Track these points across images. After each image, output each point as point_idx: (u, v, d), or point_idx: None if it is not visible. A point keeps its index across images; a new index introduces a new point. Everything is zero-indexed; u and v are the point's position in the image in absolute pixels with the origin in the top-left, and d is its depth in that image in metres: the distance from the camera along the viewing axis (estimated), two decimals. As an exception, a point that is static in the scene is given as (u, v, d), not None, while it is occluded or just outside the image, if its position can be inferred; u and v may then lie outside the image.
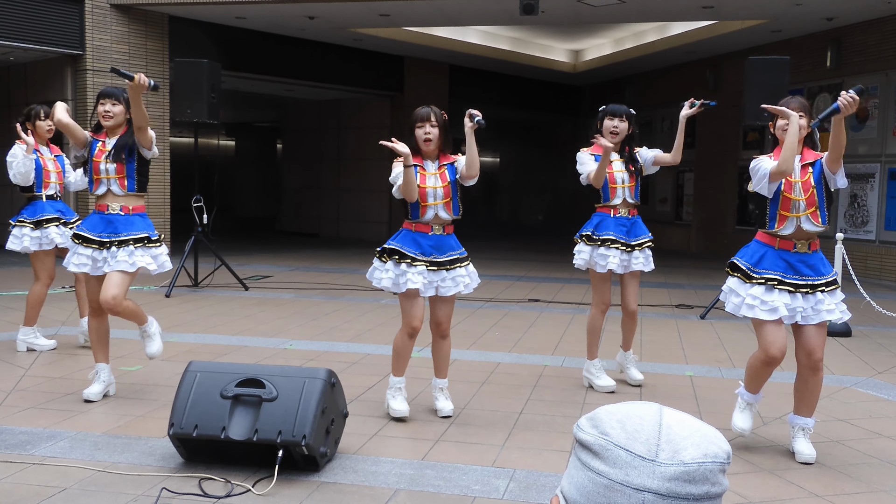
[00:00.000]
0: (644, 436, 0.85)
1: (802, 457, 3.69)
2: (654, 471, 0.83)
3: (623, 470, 0.84)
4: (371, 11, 11.07)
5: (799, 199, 3.65)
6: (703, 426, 0.89)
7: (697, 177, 14.86)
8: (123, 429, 3.96)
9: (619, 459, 0.85)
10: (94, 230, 4.44)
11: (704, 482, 0.84)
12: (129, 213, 4.48)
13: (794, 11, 10.50)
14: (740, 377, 5.34)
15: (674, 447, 0.84)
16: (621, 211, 4.85)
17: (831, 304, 3.68)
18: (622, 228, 4.82)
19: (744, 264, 3.76)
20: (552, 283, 10.03)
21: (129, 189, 4.48)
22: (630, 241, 4.82)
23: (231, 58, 11.96)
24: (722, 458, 0.86)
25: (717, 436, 0.88)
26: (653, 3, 10.29)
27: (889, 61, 10.66)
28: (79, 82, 11.26)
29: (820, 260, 3.71)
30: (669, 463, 0.83)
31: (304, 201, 18.13)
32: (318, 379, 3.46)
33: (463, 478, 3.40)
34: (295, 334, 6.47)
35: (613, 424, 0.87)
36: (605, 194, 4.85)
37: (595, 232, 4.84)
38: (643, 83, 16.52)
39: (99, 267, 4.42)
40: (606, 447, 0.86)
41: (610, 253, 4.75)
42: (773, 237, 3.72)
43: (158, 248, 4.54)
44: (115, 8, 11.24)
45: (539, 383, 5.08)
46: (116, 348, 5.79)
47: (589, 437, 0.88)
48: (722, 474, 0.86)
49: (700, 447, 0.85)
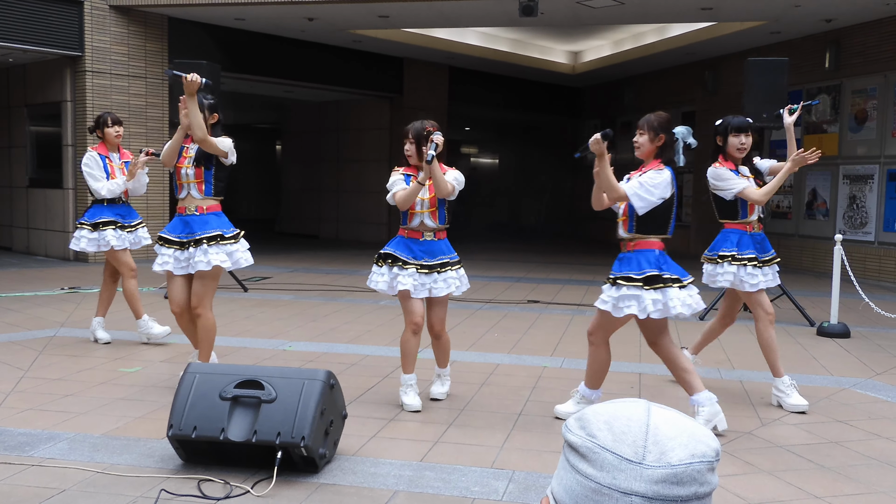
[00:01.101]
0: (631, 437, 0.85)
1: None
2: (642, 473, 0.83)
3: (610, 473, 0.84)
4: (370, 13, 11.07)
5: None
6: (691, 425, 0.88)
7: (696, 178, 14.86)
8: (122, 430, 3.96)
9: (607, 462, 0.84)
10: (173, 232, 4.73)
11: (692, 483, 0.83)
12: (204, 212, 4.72)
13: (793, 13, 10.51)
14: (741, 378, 5.35)
15: (661, 448, 0.84)
16: (754, 227, 4.78)
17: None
18: (757, 246, 4.72)
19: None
20: (551, 285, 10.03)
21: (206, 193, 4.73)
22: (761, 258, 4.71)
23: (231, 59, 11.97)
24: (710, 457, 0.85)
25: (706, 434, 0.87)
26: (652, 4, 10.30)
27: (888, 63, 10.67)
28: (78, 84, 11.26)
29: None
30: (657, 465, 0.83)
31: (304, 203, 18.13)
32: (317, 380, 3.46)
33: (462, 479, 3.40)
34: (294, 336, 6.47)
35: (600, 426, 0.86)
36: (744, 211, 4.73)
37: (739, 252, 4.66)
38: (642, 84, 16.53)
39: (182, 266, 4.67)
40: (593, 450, 0.85)
41: (757, 272, 4.61)
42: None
43: (234, 244, 4.74)
44: (115, 9, 11.25)
45: (538, 385, 5.08)
46: (115, 350, 5.79)
47: (576, 439, 0.87)
48: (711, 473, 0.85)
49: (687, 447, 0.84)
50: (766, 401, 4.79)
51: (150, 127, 11.74)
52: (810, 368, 5.66)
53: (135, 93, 11.56)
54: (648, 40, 14.16)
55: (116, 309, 7.45)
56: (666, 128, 4.11)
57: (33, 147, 12.57)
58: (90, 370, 5.17)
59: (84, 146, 11.07)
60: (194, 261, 4.61)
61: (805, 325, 7.38)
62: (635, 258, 4.00)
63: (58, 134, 11.64)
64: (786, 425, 4.32)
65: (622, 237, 4.11)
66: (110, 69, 11.28)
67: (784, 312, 7.86)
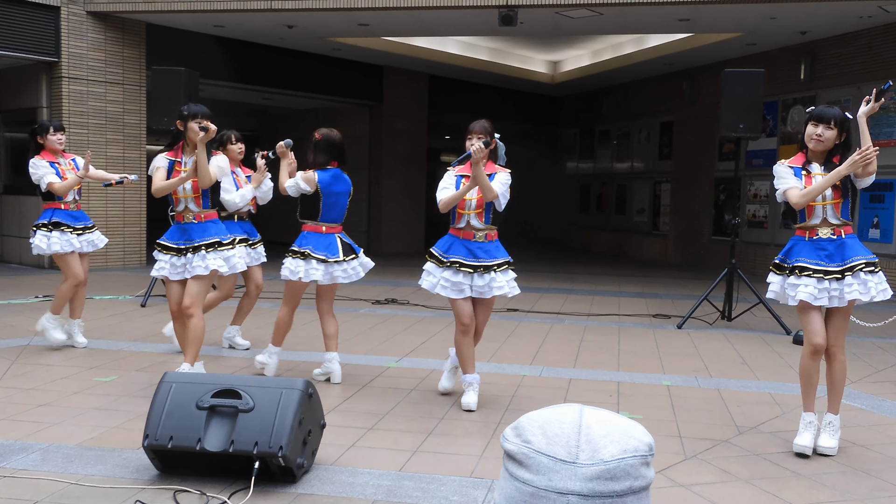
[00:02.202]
0: (564, 439, 0.86)
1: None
2: (576, 472, 0.84)
3: (546, 476, 0.85)
4: (350, 21, 11.08)
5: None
6: (623, 422, 0.89)
7: (674, 187, 14.99)
8: (97, 440, 3.91)
9: (542, 465, 0.85)
10: (171, 239, 4.89)
11: (626, 477, 0.84)
12: (202, 220, 4.89)
13: (769, 25, 10.65)
14: (718, 386, 5.38)
15: (593, 447, 0.85)
16: (821, 232, 4.02)
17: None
18: (821, 253, 3.99)
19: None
20: (530, 293, 10.04)
21: (203, 206, 4.90)
22: (829, 268, 3.94)
23: (209, 66, 11.92)
24: (643, 451, 0.86)
25: (638, 430, 0.89)
26: (630, 15, 10.39)
27: (861, 74, 10.84)
28: (54, 90, 11.15)
29: None
30: (590, 463, 0.84)
31: (284, 210, 18.04)
32: (295, 389, 3.43)
33: (441, 489, 3.39)
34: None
35: (535, 431, 0.87)
36: (802, 213, 4.06)
37: (787, 259, 4.12)
38: (621, 94, 16.66)
39: (178, 272, 4.84)
40: (529, 455, 0.86)
41: (801, 282, 3.97)
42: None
43: (230, 250, 4.92)
44: (92, 15, 11.16)
45: (517, 393, 5.08)
46: (90, 359, 5.73)
47: (513, 447, 0.88)
48: (645, 467, 0.86)
49: (619, 443, 0.85)
50: (743, 408, 4.82)
51: (128, 134, 11.65)
52: (787, 377, 5.71)
53: (112, 99, 11.47)
54: (627, 50, 14.28)
55: (94, 317, 7.37)
56: (492, 133, 4.59)
57: (8, 153, 12.41)
58: (64, 379, 5.11)
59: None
60: (192, 266, 4.78)
61: (781, 333, 7.45)
62: (496, 245, 4.66)
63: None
64: (762, 434, 4.35)
65: (478, 227, 4.60)
66: (87, 75, 11.19)
67: (761, 321, 7.94)
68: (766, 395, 5.17)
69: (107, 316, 7.54)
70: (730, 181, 13.09)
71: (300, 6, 10.23)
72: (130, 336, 6.60)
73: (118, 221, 11.54)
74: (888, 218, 10.43)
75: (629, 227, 16.60)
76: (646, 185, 15.96)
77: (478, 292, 4.59)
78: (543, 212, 19.97)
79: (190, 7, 10.52)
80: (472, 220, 4.59)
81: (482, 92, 17.16)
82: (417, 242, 16.05)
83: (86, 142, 11.18)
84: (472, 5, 9.88)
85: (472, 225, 4.59)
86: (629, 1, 9.50)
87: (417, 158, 16.12)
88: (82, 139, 11.14)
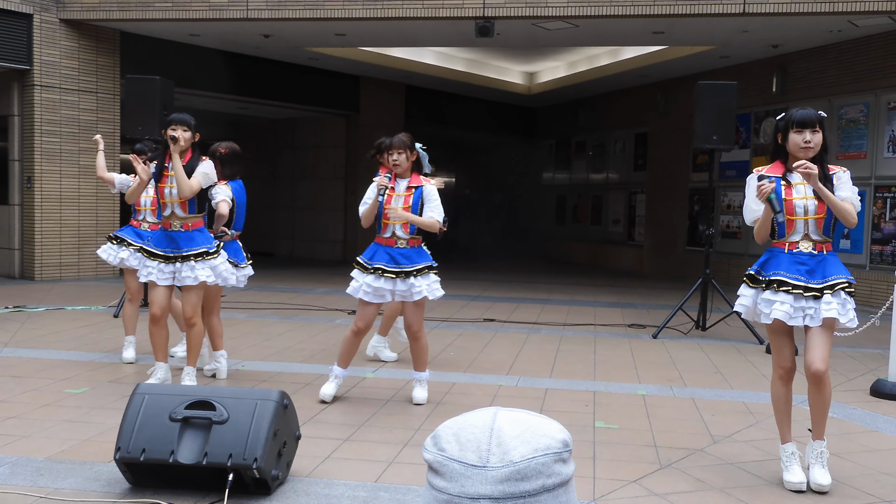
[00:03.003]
0: (475, 444, 0.86)
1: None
2: (486, 476, 0.84)
3: (458, 482, 0.85)
4: (327, 31, 11.07)
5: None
6: (536, 421, 0.89)
7: (649, 198, 15.11)
8: (67, 453, 3.85)
9: (455, 472, 0.85)
10: (159, 245, 4.97)
11: (538, 476, 0.84)
12: (189, 229, 4.96)
13: (741, 38, 10.79)
14: (692, 395, 5.42)
15: (503, 449, 0.85)
16: (802, 246, 3.70)
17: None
18: (801, 267, 3.68)
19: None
20: (507, 303, 10.07)
21: (189, 212, 4.95)
22: (809, 284, 3.64)
23: (185, 75, 11.83)
24: (556, 448, 0.86)
25: (551, 427, 0.89)
26: (605, 27, 10.49)
27: (831, 88, 11.02)
28: (25, 98, 11.02)
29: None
30: (500, 465, 0.84)
31: (259, 220, 17.94)
32: (270, 401, 3.41)
33: (417, 500, 3.37)
34: (247, 355, 6.38)
35: (449, 439, 0.88)
36: (781, 227, 3.74)
37: (762, 272, 3.79)
38: (597, 106, 16.79)
39: (166, 278, 4.92)
40: (443, 463, 0.86)
41: (777, 298, 3.67)
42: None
43: (216, 259, 5.01)
44: (65, 23, 11.06)
45: (494, 403, 5.07)
46: (61, 370, 5.64)
47: (430, 456, 0.89)
48: (561, 464, 0.86)
49: (530, 443, 0.85)
50: (718, 417, 4.86)
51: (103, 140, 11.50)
52: (760, 386, 5.76)
53: (85, 107, 11.35)
54: (602, 62, 14.41)
55: (66, 328, 7.27)
56: (413, 146, 4.81)
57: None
58: (35, 391, 5.03)
59: (31, 161, 10.83)
60: (181, 276, 4.89)
61: (755, 342, 7.52)
62: (419, 251, 4.88)
63: (4, 149, 11.35)
64: (737, 443, 4.38)
65: (402, 236, 4.80)
66: (60, 83, 11.07)
67: (734, 331, 8.01)
68: (741, 405, 5.21)
69: (79, 326, 7.44)
70: (704, 192, 13.22)
71: (276, 16, 10.21)
72: (103, 347, 6.52)
73: (90, 231, 11.41)
74: (858, 229, 10.58)
75: (605, 237, 16.70)
76: (621, 195, 16.08)
77: (401, 296, 4.81)
78: (519, 222, 20.04)
79: (165, 16, 10.46)
80: (397, 229, 4.81)
81: (458, 102, 17.23)
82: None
83: (58, 150, 11.05)
84: (448, 16, 9.92)
85: (397, 234, 4.81)
86: (605, 14, 9.59)
87: (394, 168, 16.10)
88: (55, 148, 11.02)
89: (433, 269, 4.90)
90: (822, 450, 3.71)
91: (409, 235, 4.82)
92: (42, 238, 11.06)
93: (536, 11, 9.72)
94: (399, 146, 4.76)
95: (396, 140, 4.77)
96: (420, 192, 4.79)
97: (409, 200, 4.76)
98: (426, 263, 4.86)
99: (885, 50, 10.30)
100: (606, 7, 9.52)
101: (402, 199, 4.77)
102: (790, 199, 3.69)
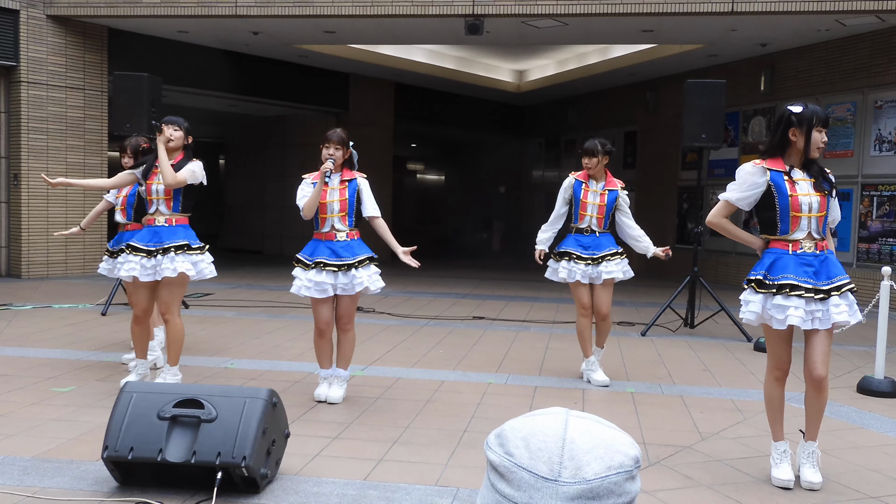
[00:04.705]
0: (547, 454, 0.84)
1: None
2: (557, 491, 0.82)
3: (527, 493, 0.83)
4: (316, 28, 11.04)
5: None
6: (609, 434, 0.87)
7: (638, 196, 15.14)
8: (54, 452, 3.83)
9: (523, 482, 0.83)
10: (142, 241, 4.95)
11: (609, 495, 0.83)
12: (173, 224, 4.99)
13: (730, 37, 10.84)
14: (681, 393, 5.44)
15: (576, 464, 0.83)
16: (805, 245, 3.65)
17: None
18: (808, 269, 3.61)
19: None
20: (496, 301, 10.07)
21: (174, 210, 5.00)
22: (818, 286, 3.58)
23: (173, 72, 11.77)
24: (628, 466, 0.85)
25: (624, 442, 0.87)
26: (595, 25, 10.51)
27: (819, 86, 11.08)
28: (12, 95, 10.94)
29: None
30: (572, 482, 0.82)
31: (248, 218, 17.90)
32: (259, 399, 3.40)
33: (406, 497, 3.37)
34: (236, 353, 6.36)
35: (518, 443, 0.86)
36: (784, 225, 3.64)
37: (769, 275, 3.65)
38: (585, 104, 16.82)
39: (149, 273, 4.89)
40: (511, 469, 0.84)
41: (790, 303, 3.57)
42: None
43: (199, 254, 4.99)
44: (52, 19, 10.98)
45: (483, 401, 5.08)
46: (49, 368, 5.61)
47: (495, 458, 0.86)
48: (630, 482, 0.85)
49: (603, 460, 0.84)
50: (707, 415, 4.87)
51: (89, 140, 11.46)
52: (747, 383, 5.79)
53: (72, 104, 11.28)
54: (592, 60, 14.43)
55: (53, 326, 7.23)
56: (349, 143, 4.88)
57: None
58: (21, 390, 5.00)
59: (18, 158, 10.75)
60: (161, 268, 4.86)
61: (743, 340, 7.56)
62: (359, 243, 4.93)
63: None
64: (725, 440, 4.40)
65: (341, 229, 4.86)
66: (47, 80, 11.00)
67: (722, 328, 8.04)
68: (728, 402, 5.23)
69: (66, 325, 7.40)
70: (693, 190, 13.27)
71: (265, 13, 10.17)
72: (90, 345, 6.48)
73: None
74: (845, 227, 10.64)
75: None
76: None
77: (342, 289, 4.81)
78: (509, 220, 20.05)
79: (153, 12, 10.40)
80: (335, 223, 4.86)
81: (448, 100, 17.22)
82: (382, 250, 16.02)
83: (45, 147, 10.98)
84: (438, 14, 9.91)
85: (336, 227, 4.86)
86: (594, 12, 9.61)
87: (383, 166, 16.08)
88: (41, 145, 10.94)
89: (374, 261, 4.92)
90: (814, 450, 3.73)
91: (348, 228, 4.88)
92: (29, 236, 10.99)
93: (526, 9, 9.72)
94: (337, 141, 4.83)
95: (335, 135, 4.85)
96: (355, 184, 4.88)
97: (344, 193, 4.85)
98: (367, 255, 4.88)
99: (872, 49, 10.37)
100: (596, 5, 9.54)
101: (336, 192, 4.85)
102: (795, 195, 3.60)
